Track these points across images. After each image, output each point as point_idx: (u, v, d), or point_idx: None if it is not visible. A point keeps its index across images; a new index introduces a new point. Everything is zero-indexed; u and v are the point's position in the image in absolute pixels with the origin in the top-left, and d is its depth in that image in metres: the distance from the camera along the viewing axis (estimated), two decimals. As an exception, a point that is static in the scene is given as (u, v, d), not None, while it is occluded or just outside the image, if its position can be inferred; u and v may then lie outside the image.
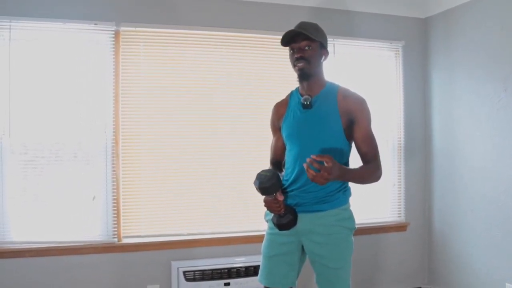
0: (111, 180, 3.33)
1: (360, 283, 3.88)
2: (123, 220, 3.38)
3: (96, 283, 3.33)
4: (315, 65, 2.32)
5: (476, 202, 3.60)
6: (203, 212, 3.56)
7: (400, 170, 4.05)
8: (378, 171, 2.28)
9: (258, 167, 2.48)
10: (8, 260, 3.17)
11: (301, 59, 2.28)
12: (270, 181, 2.21)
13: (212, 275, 3.43)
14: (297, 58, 2.28)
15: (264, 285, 2.42)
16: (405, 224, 4.06)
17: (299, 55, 2.28)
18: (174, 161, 3.50)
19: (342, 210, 2.32)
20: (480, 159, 3.56)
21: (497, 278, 3.42)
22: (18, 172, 3.21)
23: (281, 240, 2.35)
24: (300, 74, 2.31)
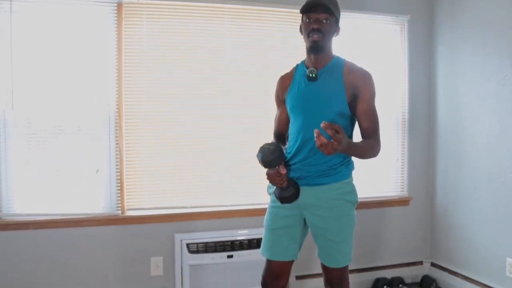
0: (115, 153, 3.34)
1: (362, 257, 3.91)
2: (126, 192, 3.39)
3: (100, 255, 3.36)
4: (328, 40, 2.31)
5: (479, 178, 3.60)
6: (207, 185, 3.57)
7: (404, 144, 4.04)
8: (377, 146, 2.27)
9: (261, 140, 2.48)
10: (12, 232, 3.20)
11: (318, 31, 2.26)
12: (273, 154, 2.21)
13: (215, 247, 3.46)
14: (314, 29, 2.26)
15: (266, 258, 2.45)
16: (408, 199, 4.07)
17: (316, 26, 2.26)
18: (177, 134, 3.50)
19: (345, 183, 2.32)
20: (484, 135, 3.54)
21: (499, 254, 3.44)
22: (21, 145, 3.21)
23: (284, 213, 2.37)
24: (312, 46, 2.28)
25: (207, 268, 3.44)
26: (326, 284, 2.42)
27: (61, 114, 3.26)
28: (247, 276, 3.49)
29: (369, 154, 2.25)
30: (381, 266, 4.03)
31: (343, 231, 2.31)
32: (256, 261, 3.37)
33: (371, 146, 2.24)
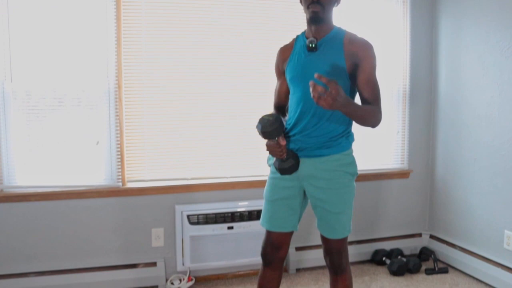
0: (115, 125, 3.33)
1: (361, 229, 3.94)
2: (127, 164, 3.40)
3: (101, 226, 3.39)
4: (328, 11, 2.28)
5: (479, 151, 3.60)
6: (207, 156, 3.58)
7: (404, 117, 4.03)
8: (378, 114, 2.24)
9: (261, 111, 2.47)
10: (14, 204, 3.22)
11: (317, 3, 2.23)
12: (273, 125, 2.21)
13: (216, 218, 3.48)
14: (313, 1, 2.23)
15: (266, 229, 2.46)
16: (408, 172, 4.08)
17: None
18: (178, 106, 3.49)
19: (345, 155, 2.32)
20: (486, 107, 3.53)
21: (497, 226, 3.46)
22: (21, 118, 3.21)
23: (283, 184, 2.37)
24: (312, 17, 2.26)
25: (207, 239, 3.47)
26: (325, 255, 2.44)
27: (61, 86, 3.25)
28: (247, 247, 3.52)
29: (369, 120, 2.21)
30: (380, 238, 4.07)
31: (342, 203, 2.32)
32: (256, 232, 3.41)
33: (372, 112, 2.20)
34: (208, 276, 3.61)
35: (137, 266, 3.46)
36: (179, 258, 3.47)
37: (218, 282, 3.60)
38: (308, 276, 3.71)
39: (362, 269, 3.85)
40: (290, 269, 3.76)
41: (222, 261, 3.53)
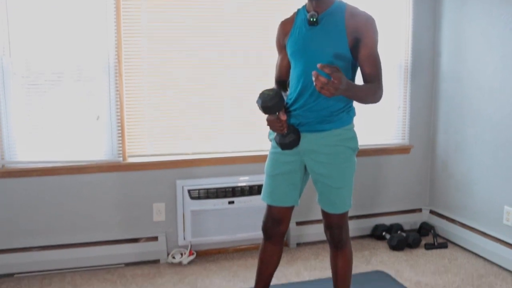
0: (115, 100, 3.32)
1: (361, 204, 3.95)
2: (127, 139, 3.40)
3: (103, 201, 3.40)
4: None
5: (481, 125, 3.59)
6: (208, 131, 3.57)
7: (406, 92, 4.00)
8: (379, 91, 2.23)
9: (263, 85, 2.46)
10: (15, 179, 3.23)
11: None
12: (273, 100, 2.19)
13: (217, 193, 3.49)
14: None
15: (267, 204, 2.47)
16: (409, 147, 4.07)
17: None
18: (178, 80, 3.47)
19: (346, 130, 2.31)
20: (488, 81, 3.51)
21: (497, 201, 3.47)
22: (21, 94, 3.19)
23: (284, 159, 2.37)
24: None
25: (208, 213, 3.49)
26: (326, 229, 2.45)
27: (60, 61, 3.22)
28: (248, 222, 3.55)
29: (370, 98, 2.21)
30: (380, 213, 4.09)
31: (343, 177, 2.32)
32: (257, 207, 3.42)
33: (372, 90, 2.21)
34: (209, 250, 3.64)
35: (138, 241, 3.48)
36: (180, 232, 3.50)
37: (219, 256, 3.63)
38: (308, 250, 3.74)
39: (362, 244, 3.88)
40: (290, 244, 3.79)
41: (223, 236, 3.56)
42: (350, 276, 2.51)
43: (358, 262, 3.49)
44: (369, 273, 3.35)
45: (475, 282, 3.22)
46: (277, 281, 3.14)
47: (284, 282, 3.21)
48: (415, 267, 3.46)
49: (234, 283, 3.21)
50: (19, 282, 3.19)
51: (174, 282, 3.22)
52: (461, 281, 3.24)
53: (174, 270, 3.40)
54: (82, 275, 3.30)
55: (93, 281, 3.22)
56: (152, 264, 3.48)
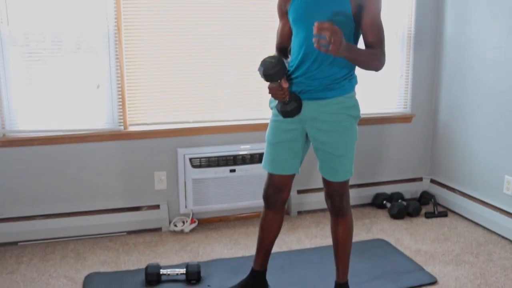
0: (115, 68, 3.29)
1: (362, 172, 3.96)
2: (128, 108, 3.38)
3: (104, 170, 3.41)
4: None
5: (484, 95, 3.57)
6: (209, 99, 3.55)
7: (409, 60, 3.97)
8: (382, 57, 2.21)
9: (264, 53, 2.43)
10: (17, 148, 3.22)
11: None
12: (275, 67, 2.17)
13: (218, 162, 3.50)
14: None
15: (268, 172, 2.47)
16: (411, 116, 4.06)
17: None
18: (179, 48, 3.43)
19: (348, 98, 2.30)
20: (492, 51, 3.47)
21: (497, 171, 3.48)
22: (21, 63, 3.16)
23: (285, 127, 2.36)
24: None
25: (210, 182, 3.50)
26: (327, 197, 2.46)
27: (59, 30, 3.18)
28: (249, 190, 3.57)
29: (372, 63, 2.20)
30: (381, 181, 4.10)
31: (344, 145, 2.32)
32: (258, 175, 3.44)
33: (374, 55, 2.18)
34: (211, 218, 3.67)
35: (140, 209, 3.50)
36: (182, 200, 3.52)
37: (220, 224, 3.66)
38: (309, 218, 3.77)
39: (362, 212, 3.91)
40: (291, 212, 3.81)
41: (225, 204, 3.58)
42: (351, 244, 2.53)
43: (359, 230, 3.52)
44: (369, 241, 3.38)
45: (474, 250, 3.25)
46: (278, 249, 3.17)
47: (285, 250, 3.24)
48: (415, 235, 3.49)
49: (236, 251, 3.24)
50: (23, 250, 3.22)
51: (176, 250, 3.25)
52: (460, 249, 3.27)
53: (176, 238, 3.43)
54: (85, 243, 3.33)
55: (95, 249, 3.25)
56: (154, 232, 3.51)
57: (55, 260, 3.10)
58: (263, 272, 2.67)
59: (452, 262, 3.08)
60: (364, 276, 2.88)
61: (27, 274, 2.92)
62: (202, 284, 2.79)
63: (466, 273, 2.94)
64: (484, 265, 3.04)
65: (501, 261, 3.10)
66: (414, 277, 2.88)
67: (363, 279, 2.84)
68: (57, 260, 3.09)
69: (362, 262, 3.04)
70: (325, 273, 2.87)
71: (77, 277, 2.89)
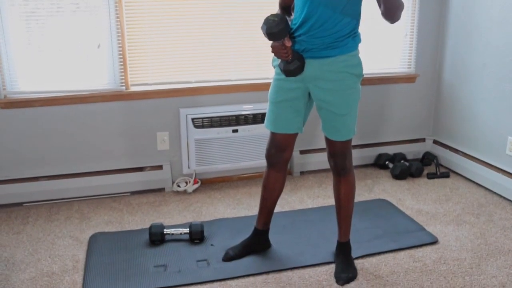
0: (116, 28, 3.24)
1: (365, 132, 3.95)
2: (130, 68, 3.35)
3: (107, 130, 3.41)
4: None
5: (489, 56, 3.52)
6: (211, 59, 3.51)
7: (414, 19, 3.89)
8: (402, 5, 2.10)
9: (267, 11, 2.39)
10: (17, 109, 3.21)
11: None
12: (278, 26, 2.15)
13: (220, 122, 3.49)
14: None
15: (270, 131, 2.46)
16: (415, 76, 4.02)
17: None
18: (180, 7, 3.37)
19: (351, 56, 2.27)
20: (499, 10, 3.40)
21: (501, 132, 3.46)
22: (20, 24, 3.11)
23: (288, 86, 2.34)
24: None
25: (212, 142, 3.50)
26: (329, 157, 2.45)
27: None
28: (252, 150, 3.57)
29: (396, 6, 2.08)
30: (383, 142, 4.10)
31: (347, 104, 2.30)
32: (261, 135, 3.44)
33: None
34: (214, 178, 3.69)
35: (143, 169, 3.52)
36: (185, 161, 3.52)
37: (223, 184, 3.68)
38: (312, 178, 3.78)
39: (365, 173, 3.92)
40: (294, 172, 3.82)
41: (227, 164, 3.59)
42: (353, 203, 2.54)
43: (361, 191, 3.53)
44: (371, 201, 3.40)
45: (475, 211, 3.27)
46: (280, 209, 3.20)
47: (287, 210, 3.26)
48: (417, 195, 3.50)
49: (239, 211, 3.26)
50: (28, 210, 3.25)
51: (179, 209, 3.28)
52: (462, 209, 3.29)
53: (179, 198, 3.46)
54: (89, 204, 3.35)
55: (99, 209, 3.28)
56: (158, 193, 3.53)
57: (60, 220, 3.13)
58: (265, 232, 2.70)
59: (453, 222, 3.11)
60: (366, 236, 2.91)
61: (33, 234, 2.95)
62: (205, 244, 2.82)
63: (466, 233, 2.97)
64: (485, 226, 3.07)
65: (502, 221, 3.12)
66: (415, 237, 2.90)
67: (364, 239, 2.86)
68: (62, 221, 3.13)
69: (364, 222, 3.06)
70: (327, 232, 2.89)
71: (82, 237, 2.92)
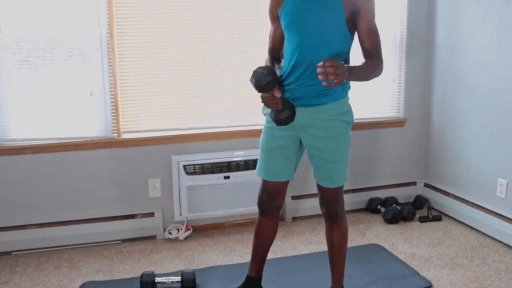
0: (108, 75, 3.28)
1: (356, 177, 3.96)
2: (122, 115, 3.37)
3: (99, 177, 3.40)
4: None
5: (476, 99, 3.59)
6: (203, 106, 3.55)
7: (401, 65, 3.98)
8: (380, 66, 2.23)
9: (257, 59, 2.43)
10: (9, 157, 3.20)
11: None
12: (266, 78, 2.14)
13: (212, 168, 3.49)
14: None
15: (262, 178, 2.47)
16: (404, 120, 4.07)
17: None
18: (171, 55, 3.43)
19: (341, 103, 2.30)
20: (484, 54, 3.49)
21: (490, 174, 3.49)
22: (13, 71, 3.14)
23: (279, 133, 2.36)
24: None
25: (204, 189, 3.49)
26: (321, 203, 2.45)
27: (51, 37, 3.17)
28: (243, 196, 3.56)
29: (372, 74, 2.22)
30: (375, 186, 4.11)
31: (338, 151, 2.32)
32: (253, 182, 3.43)
33: (374, 67, 2.20)
34: (206, 225, 3.66)
35: (135, 217, 3.49)
36: (177, 208, 3.51)
37: (215, 231, 3.65)
38: (304, 224, 3.76)
39: (357, 217, 3.91)
40: (286, 218, 3.81)
41: (219, 211, 3.57)
42: (346, 249, 2.53)
43: (354, 236, 3.52)
44: (364, 246, 3.38)
45: (468, 254, 3.26)
46: (273, 255, 3.17)
47: (280, 256, 3.23)
48: (410, 239, 3.49)
49: (231, 258, 3.23)
50: (17, 259, 3.20)
51: (171, 257, 3.24)
52: (455, 253, 3.28)
53: (171, 245, 3.42)
54: (80, 252, 3.31)
55: (90, 257, 3.24)
56: (149, 240, 3.50)
57: (49, 269, 3.08)
58: (258, 279, 2.67)
59: (447, 266, 3.09)
60: (360, 282, 2.88)
61: (21, 284, 2.90)
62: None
63: (461, 277, 2.95)
64: (479, 269, 3.05)
65: (496, 264, 3.11)
66: (409, 282, 2.88)
67: (358, 285, 2.84)
68: (51, 270, 3.07)
69: (358, 268, 3.04)
70: (320, 279, 2.87)
71: (72, 286, 2.87)
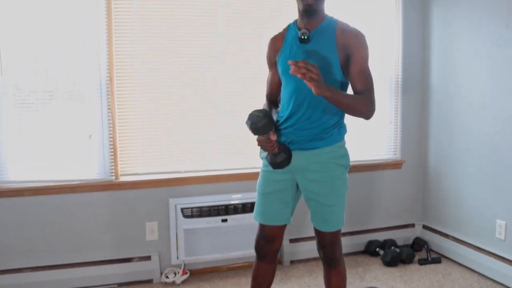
0: (107, 118, 3.31)
1: (354, 220, 3.95)
2: (120, 158, 3.39)
3: (95, 220, 3.38)
4: (321, 2, 2.25)
5: (471, 141, 3.61)
6: (200, 149, 3.57)
7: (397, 107, 4.03)
8: (369, 105, 2.21)
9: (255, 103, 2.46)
10: (7, 199, 3.20)
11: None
12: (262, 121, 2.17)
13: (210, 211, 3.48)
14: None
15: (259, 222, 2.46)
16: (401, 162, 4.08)
17: None
18: (170, 99, 3.47)
19: (337, 147, 2.32)
20: (478, 97, 3.54)
21: (489, 215, 3.48)
22: (12, 113, 3.17)
23: (276, 177, 2.37)
24: (306, 9, 2.22)
25: (201, 232, 3.47)
26: (319, 247, 2.44)
27: (51, 80, 3.22)
28: (241, 240, 3.53)
29: (359, 110, 2.19)
30: (373, 228, 4.08)
31: (335, 195, 2.32)
32: (250, 225, 3.41)
33: (359, 100, 2.18)
34: (203, 269, 3.62)
35: (131, 260, 3.46)
36: (174, 251, 3.48)
37: (212, 275, 3.61)
38: (302, 268, 3.73)
39: (356, 260, 3.87)
40: (284, 261, 3.77)
41: (217, 254, 3.54)
42: (344, 294, 2.50)
43: (352, 279, 3.48)
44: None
45: (469, 297, 3.23)
46: (271, 299, 3.13)
47: (278, 300, 3.20)
48: (409, 283, 3.45)
49: (228, 302, 3.19)
50: (11, 304, 3.15)
51: (168, 301, 3.20)
52: (456, 296, 3.24)
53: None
54: (75, 296, 3.27)
55: (85, 302, 3.19)
56: (145, 284, 3.45)
57: (44, 314, 3.03)
58: (256, 324, 2.62)
59: (448, 311, 3.05)
60: (359, 327, 2.83)
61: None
62: (194, 338, 2.73)
63: (462, 322, 2.91)
64: (480, 313, 3.01)
65: (497, 308, 3.07)
66: (409, 327, 2.84)
67: (358, 330, 2.79)
68: (46, 315, 3.03)
69: (357, 312, 3.00)
70: (319, 324, 2.82)
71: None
